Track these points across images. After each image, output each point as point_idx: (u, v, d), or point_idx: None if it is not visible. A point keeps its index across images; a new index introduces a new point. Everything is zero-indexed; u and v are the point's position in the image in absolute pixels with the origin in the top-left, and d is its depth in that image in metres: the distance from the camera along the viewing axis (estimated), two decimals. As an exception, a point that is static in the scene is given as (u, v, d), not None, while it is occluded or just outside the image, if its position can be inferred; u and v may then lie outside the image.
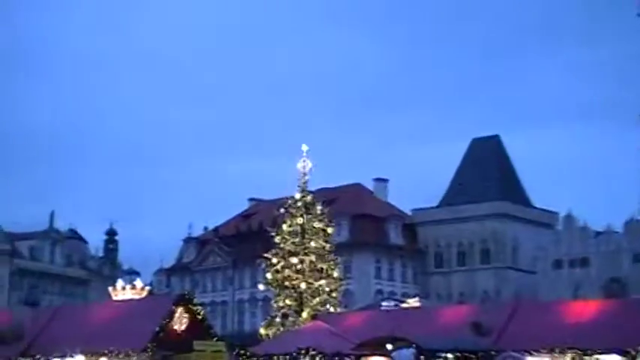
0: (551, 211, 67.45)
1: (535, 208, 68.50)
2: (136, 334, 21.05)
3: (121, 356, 20.82)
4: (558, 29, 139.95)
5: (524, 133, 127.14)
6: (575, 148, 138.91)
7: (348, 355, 20.08)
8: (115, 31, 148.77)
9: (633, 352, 21.83)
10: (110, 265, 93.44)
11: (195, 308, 22.45)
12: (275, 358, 20.36)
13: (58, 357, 21.71)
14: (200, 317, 22.53)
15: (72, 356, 21.41)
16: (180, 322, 21.91)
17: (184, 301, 22.48)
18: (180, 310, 22.04)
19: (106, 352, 21.08)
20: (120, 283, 35.77)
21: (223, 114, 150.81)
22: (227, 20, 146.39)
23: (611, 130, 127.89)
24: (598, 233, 61.24)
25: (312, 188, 37.95)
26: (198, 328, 22.46)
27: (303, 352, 19.60)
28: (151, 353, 20.77)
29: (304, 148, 37.33)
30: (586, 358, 22.30)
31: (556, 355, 22.27)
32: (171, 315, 21.73)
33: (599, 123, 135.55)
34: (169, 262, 77.30)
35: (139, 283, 36.50)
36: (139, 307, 23.55)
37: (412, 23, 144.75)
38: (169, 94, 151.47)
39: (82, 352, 20.99)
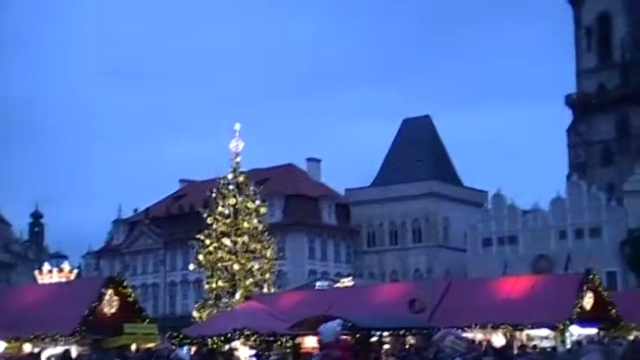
0: (480, 190, 68.52)
1: (465, 187, 69.49)
2: (64, 318, 20.40)
3: (47, 341, 20.13)
4: (489, 11, 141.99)
5: (454, 113, 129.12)
6: (504, 128, 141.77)
7: (283, 335, 19.89)
8: (40, 7, 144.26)
9: (561, 326, 22.33)
10: (36, 248, 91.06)
11: (125, 290, 21.91)
12: (209, 340, 20.00)
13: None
14: (131, 299, 22.01)
15: (-6, 343, 20.60)
16: (110, 304, 21.36)
17: (114, 283, 21.91)
18: (109, 292, 21.48)
19: (31, 337, 20.35)
20: (46, 266, 34.89)
21: (155, 95, 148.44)
22: (158, 2, 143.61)
23: (539, 111, 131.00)
24: (525, 212, 62.46)
25: (245, 169, 37.60)
26: (129, 311, 21.96)
27: (237, 333, 19.31)
28: (79, 337, 20.16)
29: (237, 127, 36.95)
30: (517, 333, 22.71)
31: (489, 330, 22.60)
32: (100, 298, 21.15)
33: (528, 104, 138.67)
34: (99, 244, 75.86)
35: (66, 266, 35.68)
36: (67, 290, 22.85)
37: (347, 2, 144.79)
38: (101, 74, 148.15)
39: (5, 339, 20.18)
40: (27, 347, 20.96)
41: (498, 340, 22.58)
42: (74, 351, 20.61)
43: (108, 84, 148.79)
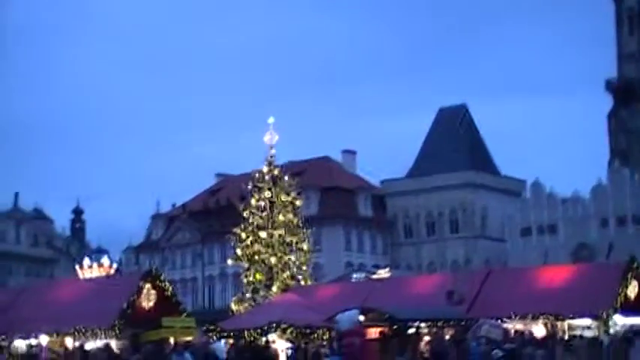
0: (518, 179, 67.69)
1: (503, 176, 68.69)
2: (103, 312, 20.55)
3: (87, 335, 20.31)
4: (529, 1, 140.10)
5: (491, 102, 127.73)
6: (542, 116, 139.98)
7: (319, 328, 19.78)
8: (78, 6, 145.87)
9: (604, 316, 21.87)
10: (78, 244, 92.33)
11: (162, 284, 21.98)
12: (246, 332, 19.97)
13: (22, 337, 21.13)
14: (168, 293, 22.09)
15: (36, 337, 20.84)
16: (147, 298, 21.46)
17: (151, 277, 21.99)
18: (147, 286, 21.56)
19: (72, 331, 20.54)
20: (87, 261, 35.26)
21: (190, 90, 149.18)
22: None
23: (579, 98, 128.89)
24: (565, 200, 61.58)
25: (280, 162, 37.62)
26: (167, 305, 22.04)
27: (274, 325, 19.26)
28: (118, 331, 20.29)
29: (270, 120, 36.95)
30: (558, 323, 22.32)
31: (529, 321, 22.25)
32: (138, 292, 21.25)
33: (567, 91, 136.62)
34: (138, 240, 76.58)
35: (106, 261, 36.05)
36: (106, 285, 23.04)
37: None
38: (134, 71, 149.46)
39: (47, 332, 20.41)
40: (68, 341, 21.20)
41: (539, 330, 22.24)
42: (114, 345, 20.79)
43: (145, 82, 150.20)
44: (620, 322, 22.73)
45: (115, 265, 38.01)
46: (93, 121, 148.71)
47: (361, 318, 19.36)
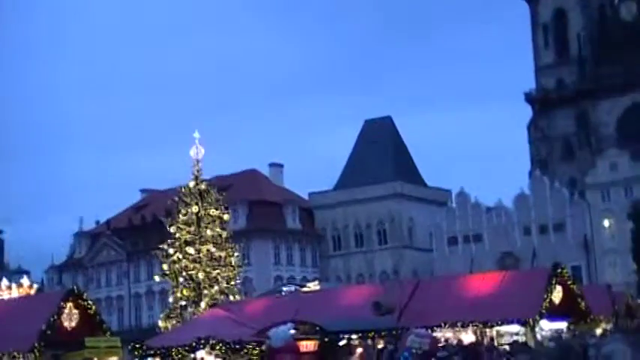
0: (444, 190, 68.63)
1: (428, 187, 69.53)
2: (22, 335, 19.65)
3: (4, 358, 19.39)
4: (449, 13, 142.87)
5: (415, 114, 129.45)
6: (465, 128, 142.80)
7: (249, 342, 19.40)
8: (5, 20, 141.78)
9: (532, 321, 22.14)
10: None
11: (85, 303, 21.19)
12: (174, 350, 19.43)
13: None
14: (92, 312, 21.30)
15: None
16: (70, 318, 20.64)
17: (73, 296, 21.18)
18: (69, 305, 20.76)
19: (-12, 355, 19.63)
20: (5, 282, 33.84)
21: (114, 107, 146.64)
22: (127, 12, 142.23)
23: (499, 110, 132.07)
24: (489, 209, 62.67)
25: (207, 176, 37.04)
26: (91, 324, 21.27)
27: (202, 342, 18.79)
28: (38, 354, 19.44)
29: (196, 134, 36.35)
30: (487, 330, 22.49)
31: (458, 329, 22.34)
32: (59, 311, 20.42)
33: (487, 103, 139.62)
34: (61, 259, 74.44)
35: (25, 281, 34.66)
36: (24, 306, 22.08)
37: (307, 10, 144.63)
38: (61, 87, 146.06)
39: (-39, 358, 19.44)
40: (-15, 365, 20.22)
41: (468, 338, 22.37)
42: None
43: (66, 96, 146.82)
44: (547, 327, 23.08)
45: (35, 286, 36.57)
46: (13, 138, 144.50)
47: (292, 332, 19.12)
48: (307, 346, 19.51)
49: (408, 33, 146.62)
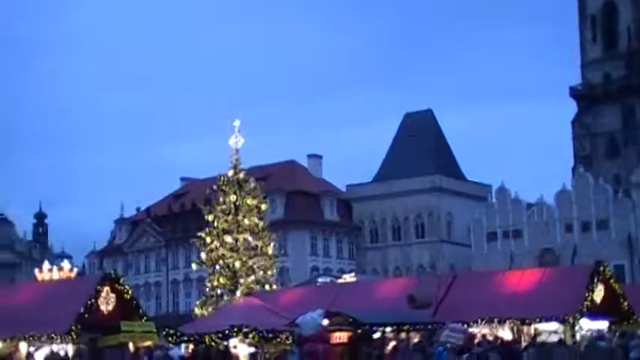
0: (484, 184, 67.88)
1: (468, 181, 68.83)
2: (60, 317, 19.85)
3: (43, 340, 19.61)
4: (493, 8, 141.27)
5: (456, 108, 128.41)
6: (508, 122, 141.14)
7: (282, 332, 19.36)
8: (46, 15, 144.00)
9: (571, 320, 21.73)
10: (40, 248, 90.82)
11: (122, 288, 21.35)
12: (207, 337, 19.47)
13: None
14: (128, 297, 21.46)
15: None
16: (106, 302, 20.81)
17: (110, 280, 21.35)
18: (106, 289, 20.93)
19: (27, 336, 19.83)
20: (46, 265, 34.28)
21: (155, 96, 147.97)
22: (162, 3, 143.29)
23: (543, 104, 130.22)
24: (530, 205, 61.84)
25: (246, 166, 37.19)
26: (127, 309, 21.43)
27: (235, 329, 18.80)
28: (75, 336, 19.63)
29: (236, 123, 36.51)
30: (524, 327, 22.13)
31: (495, 325, 22.02)
32: (96, 295, 20.59)
33: (532, 98, 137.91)
34: (102, 244, 75.45)
35: (66, 264, 35.05)
36: (63, 288, 22.30)
37: (350, 2, 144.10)
38: (99, 77, 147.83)
39: (0, 337, 19.67)
40: (23, 346, 20.48)
41: (505, 334, 22.03)
42: (70, 350, 20.12)
43: (109, 87, 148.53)
44: (586, 326, 22.63)
45: (75, 270, 37.01)
46: (57, 125, 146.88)
47: (325, 322, 19.02)
48: (340, 337, 19.39)
49: (452, 25, 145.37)
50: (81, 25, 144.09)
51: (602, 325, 23.20)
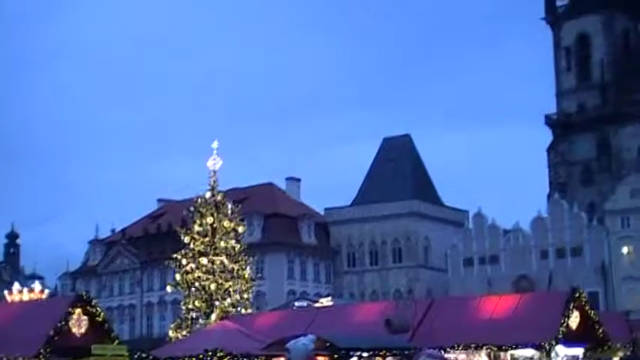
0: (461, 210, 68.09)
1: (446, 206, 69.02)
2: (28, 339, 19.36)
3: (10, 363, 19.12)
4: (471, 35, 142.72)
5: (434, 134, 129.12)
6: (484, 149, 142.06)
7: (257, 356, 19.05)
8: (31, 30, 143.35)
9: (547, 346, 21.63)
10: (11, 269, 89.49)
11: (94, 310, 20.91)
12: (180, 361, 19.11)
13: None
14: (100, 319, 21.02)
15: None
16: (78, 324, 20.36)
17: (82, 302, 20.90)
18: (78, 311, 20.48)
19: (-7, 360, 19.36)
20: (16, 286, 33.75)
21: (133, 116, 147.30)
22: (148, 21, 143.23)
23: (519, 132, 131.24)
24: (507, 231, 62.09)
25: (224, 188, 36.88)
26: (99, 331, 20.98)
27: (209, 353, 18.48)
28: (44, 359, 19.17)
29: (214, 145, 36.21)
30: (501, 353, 22.00)
31: (472, 351, 21.87)
32: (67, 317, 20.15)
33: (508, 125, 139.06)
34: (76, 265, 74.54)
35: (37, 286, 34.60)
36: (33, 310, 21.80)
37: (327, 27, 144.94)
38: (79, 97, 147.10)
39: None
40: (-10, 370, 19.98)
41: (482, 360, 21.88)
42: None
43: (86, 106, 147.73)
44: (562, 352, 22.53)
45: (47, 291, 36.49)
46: (33, 144, 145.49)
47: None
48: (316, 362, 19.09)
49: (428, 53, 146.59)
50: (70, 39, 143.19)
51: (578, 351, 23.12)
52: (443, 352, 21.19)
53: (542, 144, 74.32)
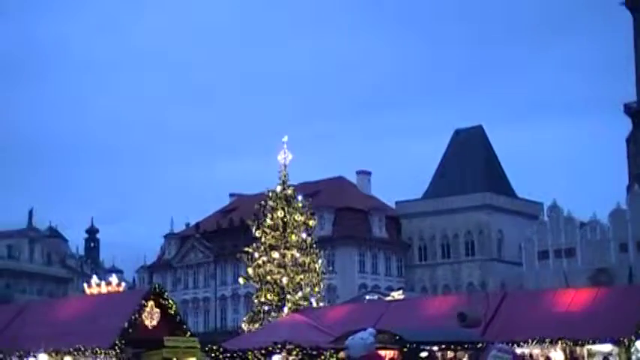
0: (535, 202, 66.66)
1: (519, 198, 67.69)
2: (104, 331, 19.82)
3: (87, 354, 19.59)
4: (545, 24, 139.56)
5: (507, 125, 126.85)
6: (560, 140, 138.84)
7: (326, 349, 18.99)
8: (109, 33, 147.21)
9: (626, 341, 20.91)
10: (92, 263, 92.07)
11: (166, 302, 21.24)
12: (249, 353, 19.22)
13: (19, 356, 20.48)
14: (172, 312, 21.34)
15: (35, 356, 20.18)
16: (150, 317, 20.71)
17: (155, 295, 21.26)
18: (150, 304, 20.84)
19: (71, 350, 19.84)
20: (95, 279, 34.47)
21: (207, 111, 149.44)
22: (218, 17, 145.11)
23: (597, 122, 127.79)
24: (583, 224, 60.51)
25: (294, 182, 37.03)
26: (171, 324, 21.31)
27: (279, 346, 18.52)
28: (119, 350, 19.58)
29: (285, 139, 36.36)
30: (577, 348, 21.38)
31: (546, 346, 21.32)
32: (140, 310, 20.53)
33: (585, 115, 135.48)
34: (153, 259, 76.10)
35: (114, 279, 35.22)
36: (108, 303, 22.31)
37: (400, 19, 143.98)
38: (153, 94, 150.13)
39: (46, 351, 19.73)
40: (68, 360, 20.50)
41: (557, 355, 21.31)
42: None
43: (160, 106, 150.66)
44: (643, 348, 21.75)
45: (124, 284, 37.17)
46: (108, 142, 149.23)
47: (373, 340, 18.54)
48: (386, 355, 18.95)
49: (502, 42, 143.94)
50: (145, 41, 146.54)
51: (660, 347, 22.28)
52: (516, 347, 20.73)
53: (622, 134, 72.03)
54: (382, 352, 19.19)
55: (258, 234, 35.14)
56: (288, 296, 33.88)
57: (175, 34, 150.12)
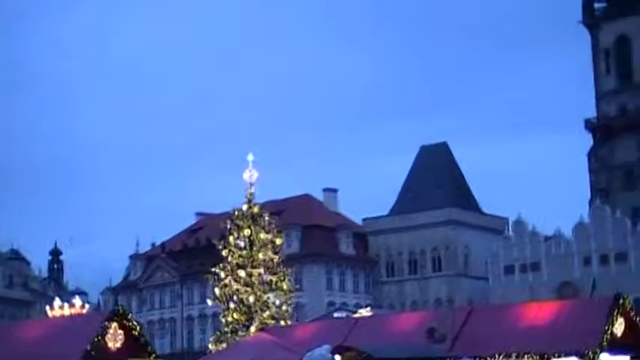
0: (500, 217, 67.25)
1: (485, 214, 68.25)
2: (65, 354, 19.42)
3: (49, 378, 19.20)
4: (507, 42, 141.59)
5: (472, 142, 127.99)
6: (523, 155, 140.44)
7: (294, 368, 18.90)
8: (77, 59, 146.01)
9: (591, 354, 21.08)
10: (55, 285, 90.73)
11: (130, 324, 20.91)
12: (216, 373, 19.03)
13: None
14: (136, 333, 21.01)
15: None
16: (114, 339, 20.36)
17: (118, 316, 20.93)
18: (114, 326, 20.49)
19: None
20: (57, 302, 33.90)
21: (171, 129, 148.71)
22: (185, 33, 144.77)
23: (558, 138, 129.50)
24: (548, 238, 61.15)
25: (261, 200, 36.86)
26: (135, 346, 20.96)
27: (245, 366, 18.39)
28: (81, 374, 19.21)
29: (250, 157, 36.23)
30: (543, 361, 21.50)
31: (513, 359, 21.42)
32: (103, 332, 20.18)
33: (546, 131, 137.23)
34: (119, 280, 75.26)
35: (78, 301, 34.69)
36: (69, 325, 21.89)
37: (365, 37, 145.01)
38: (117, 112, 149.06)
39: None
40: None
41: (523, 369, 21.39)
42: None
43: (123, 125, 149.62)
44: (607, 360, 21.95)
45: (87, 306, 36.65)
46: (72, 163, 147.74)
47: (337, 358, 18.52)
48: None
49: (465, 60, 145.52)
50: (114, 59, 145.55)
51: (624, 359, 22.49)
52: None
53: (583, 149, 73.11)
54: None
55: (224, 253, 34.91)
56: (256, 315, 33.68)
57: (142, 54, 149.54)
